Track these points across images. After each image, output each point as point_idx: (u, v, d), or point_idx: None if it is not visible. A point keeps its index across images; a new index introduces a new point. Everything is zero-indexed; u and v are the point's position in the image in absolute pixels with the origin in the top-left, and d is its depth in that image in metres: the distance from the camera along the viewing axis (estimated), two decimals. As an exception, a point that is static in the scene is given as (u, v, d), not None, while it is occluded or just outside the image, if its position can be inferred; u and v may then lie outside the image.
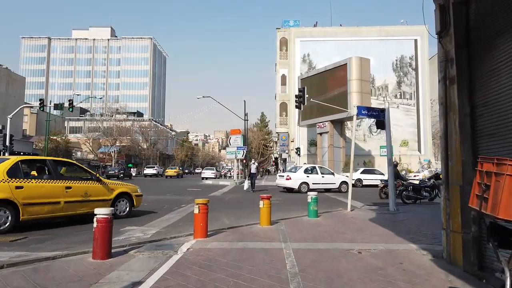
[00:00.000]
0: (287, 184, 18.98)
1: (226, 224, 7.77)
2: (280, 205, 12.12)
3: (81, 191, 8.11)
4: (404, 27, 42.86)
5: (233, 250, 5.10)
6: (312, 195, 8.57)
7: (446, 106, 4.55)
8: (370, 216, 9.10)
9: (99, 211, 4.68)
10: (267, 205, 7.29)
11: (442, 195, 4.64)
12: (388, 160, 10.50)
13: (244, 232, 6.65)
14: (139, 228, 7.37)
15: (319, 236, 6.24)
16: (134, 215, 9.17)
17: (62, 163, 9.13)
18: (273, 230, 6.79)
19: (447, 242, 4.46)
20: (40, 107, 33.75)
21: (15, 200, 6.96)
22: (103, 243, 4.61)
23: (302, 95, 25.98)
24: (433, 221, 8.22)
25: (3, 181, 6.91)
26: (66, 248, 5.55)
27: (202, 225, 5.94)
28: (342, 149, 32.39)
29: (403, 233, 6.49)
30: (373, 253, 4.93)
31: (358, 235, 6.28)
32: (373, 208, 11.21)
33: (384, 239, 5.96)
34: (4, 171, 7.04)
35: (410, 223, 7.86)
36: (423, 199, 13.28)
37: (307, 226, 7.40)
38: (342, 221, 8.09)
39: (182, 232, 6.61)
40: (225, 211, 10.62)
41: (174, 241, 5.82)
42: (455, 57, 4.42)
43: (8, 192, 6.88)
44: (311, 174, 19.39)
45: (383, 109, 10.40)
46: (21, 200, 7.06)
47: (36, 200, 7.29)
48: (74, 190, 7.96)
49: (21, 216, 7.03)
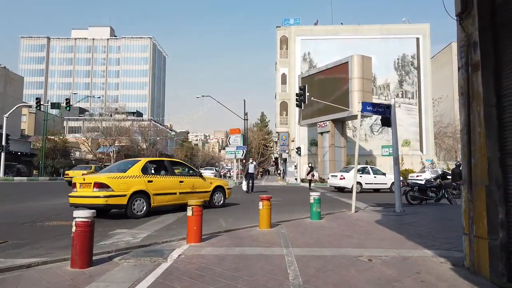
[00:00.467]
0: (341, 183, 19.75)
1: (222, 227, 7.27)
2: (281, 206, 11.61)
3: (190, 184, 10.23)
4: (406, 25, 42.35)
5: (229, 257, 4.59)
6: (314, 196, 8.07)
7: (468, 96, 4.04)
8: (376, 217, 8.60)
9: (78, 213, 4.17)
10: (267, 206, 6.78)
11: (463, 196, 4.14)
12: (394, 159, 10.00)
13: (242, 235, 6.15)
14: (130, 231, 6.87)
15: (323, 240, 5.73)
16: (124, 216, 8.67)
17: (175, 163, 11.85)
18: (273, 234, 6.29)
19: (470, 249, 3.96)
20: (36, 106, 33.33)
21: (148, 191, 8.94)
22: (82, 250, 4.10)
23: (303, 93, 25.51)
24: (444, 223, 7.73)
25: (139, 177, 8.93)
26: (46, 254, 5.05)
27: (196, 228, 5.44)
28: (343, 148, 31.88)
29: (414, 237, 5.99)
30: (385, 260, 4.42)
31: (366, 239, 5.77)
32: (378, 209, 10.71)
33: (395, 243, 5.45)
34: (139, 169, 9.09)
35: (420, 225, 7.35)
36: (429, 200, 12.78)
37: (310, 229, 6.89)
38: (347, 224, 7.58)
39: (175, 236, 6.11)
40: (222, 212, 10.12)
41: (165, 246, 5.32)
42: (479, 40, 3.92)
43: (143, 185, 8.92)
44: (363, 174, 19.94)
45: (388, 105, 9.90)
46: (152, 191, 9.04)
47: (161, 191, 9.31)
48: (185, 184, 10.07)
49: (152, 203, 9.02)
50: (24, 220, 8.32)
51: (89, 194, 8.41)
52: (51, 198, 14.24)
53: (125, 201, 8.49)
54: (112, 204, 8.38)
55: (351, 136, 38.55)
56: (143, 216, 8.67)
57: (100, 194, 8.23)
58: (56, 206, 11.37)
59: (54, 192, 17.96)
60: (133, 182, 8.76)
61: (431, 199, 12.77)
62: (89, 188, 8.48)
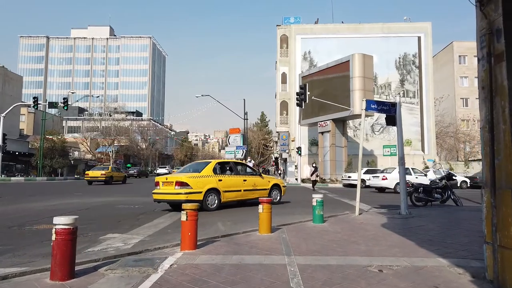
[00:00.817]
0: (383, 184, 19.99)
1: (220, 231, 6.87)
2: (281, 208, 11.21)
3: (252, 182, 11.48)
4: (407, 24, 41.95)
5: (225, 267, 4.19)
6: (317, 198, 7.66)
7: (491, 89, 3.64)
8: (381, 221, 8.20)
9: (58, 220, 3.77)
10: (267, 210, 6.38)
11: (484, 200, 3.74)
12: (399, 158, 9.60)
13: (241, 241, 5.75)
14: (121, 236, 6.46)
15: (328, 247, 5.33)
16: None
17: (239, 164, 12.95)
18: (274, 239, 5.89)
19: (494, 260, 3.56)
20: (34, 105, 32.90)
21: (218, 188, 10.36)
22: (63, 261, 3.70)
23: (304, 92, 25.12)
24: (454, 227, 7.32)
25: (211, 176, 10.37)
26: (28, 262, 4.65)
27: (191, 234, 5.04)
28: (344, 148, 31.48)
29: (425, 243, 5.59)
30: (397, 271, 4.03)
31: (374, 246, 5.37)
32: (382, 212, 10.32)
33: (406, 251, 5.05)
34: (211, 170, 10.54)
35: (429, 230, 6.95)
36: (435, 201, 12.38)
37: (312, 233, 6.49)
38: (352, 228, 7.18)
39: (169, 242, 5.72)
40: (221, 214, 9.72)
41: (157, 254, 4.92)
42: (503, 27, 3.52)
43: (215, 183, 10.34)
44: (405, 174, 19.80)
45: (394, 103, 9.50)
46: (221, 188, 10.44)
47: (229, 189, 10.68)
48: (248, 182, 11.37)
49: (222, 199, 10.42)
50: (13, 223, 7.93)
51: (172, 191, 9.96)
52: (46, 199, 13.85)
53: (201, 197, 9.93)
54: (191, 199, 9.58)
55: (352, 136, 38.16)
56: (215, 209, 10.10)
57: (181, 191, 9.74)
58: (50, 207, 10.98)
59: (50, 193, 17.57)
60: (207, 181, 10.23)
61: (436, 200, 12.37)
62: (171, 186, 10.03)
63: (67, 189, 20.46)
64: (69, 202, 12.83)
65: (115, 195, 16.38)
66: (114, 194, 16.71)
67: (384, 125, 39.11)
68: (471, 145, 50.30)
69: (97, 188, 22.66)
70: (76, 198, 14.60)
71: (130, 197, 15.32)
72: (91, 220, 8.54)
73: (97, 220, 8.61)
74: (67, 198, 14.28)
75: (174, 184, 9.90)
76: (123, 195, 16.12)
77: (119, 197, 14.96)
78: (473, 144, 50.13)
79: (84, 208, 10.99)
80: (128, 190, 20.64)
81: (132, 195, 16.55)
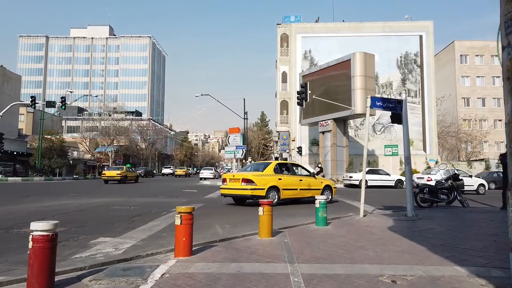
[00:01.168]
0: None
1: (218, 235, 6.50)
2: (282, 209, 10.82)
3: (307, 182, 12.58)
4: (409, 22, 41.56)
5: (222, 277, 3.81)
6: (320, 200, 7.28)
7: (519, 80, 3.26)
8: (388, 223, 7.82)
9: (35, 226, 3.38)
10: (268, 212, 5.99)
11: (510, 203, 3.35)
12: (406, 158, 9.22)
13: (240, 246, 5.37)
14: (113, 240, 6.08)
15: (333, 253, 4.94)
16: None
17: (295, 165, 14.07)
18: (275, 244, 5.51)
19: (523, 271, 3.18)
20: (31, 104, 32.48)
21: (278, 186, 11.53)
22: (41, 272, 3.32)
23: (304, 91, 24.70)
24: (465, 230, 6.94)
25: (272, 175, 11.66)
26: (7, 270, 4.27)
27: (186, 240, 4.65)
28: (345, 148, 31.10)
29: (437, 248, 5.21)
30: (412, 282, 3.64)
31: (383, 252, 4.99)
32: (387, 213, 9.93)
33: (418, 257, 4.66)
34: (272, 169, 11.87)
35: (439, 233, 6.57)
36: (440, 202, 12.01)
37: (316, 237, 6.11)
38: (358, 231, 6.80)
39: (163, 247, 5.34)
40: (219, 216, 9.35)
41: (148, 261, 4.54)
42: (533, 10, 3.14)
43: (275, 181, 11.59)
44: None
45: (400, 101, 9.11)
46: (281, 186, 11.62)
47: (287, 187, 11.81)
48: (303, 182, 12.50)
49: (281, 196, 11.63)
50: (0, 225, 7.55)
51: (238, 187, 11.38)
52: (40, 200, 13.47)
53: (264, 193, 11.17)
54: (255, 194, 11.10)
55: (353, 136, 37.78)
56: (275, 205, 10.21)
57: (247, 187, 11.17)
58: (43, 208, 10.59)
59: (46, 193, 17.19)
60: (269, 179, 11.54)
61: (442, 201, 11.99)
62: (237, 183, 11.47)
63: (63, 190, 20.07)
64: (64, 203, 12.44)
65: (113, 195, 15.99)
66: (113, 195, 16.32)
67: (385, 124, 38.88)
68: (472, 145, 49.93)
69: (97, 188, 22.29)
70: (72, 198, 14.22)
71: (129, 197, 14.93)
72: (84, 222, 8.17)
73: (90, 222, 8.23)
74: (63, 199, 13.89)
75: (241, 181, 11.35)
76: (123, 196, 15.72)
77: (117, 198, 14.57)
78: (475, 144, 49.77)
79: (78, 209, 10.61)
80: (134, 189, 20.27)
81: (132, 195, 16.15)
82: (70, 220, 8.36)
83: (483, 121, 53.46)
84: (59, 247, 5.59)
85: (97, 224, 8.01)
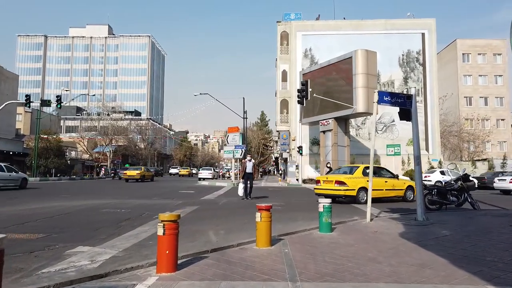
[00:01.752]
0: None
1: (211, 243, 5.82)
2: (282, 212, 10.16)
3: (391, 183, 13.66)
4: (411, 20, 40.85)
5: (210, 301, 3.13)
6: (324, 203, 6.60)
7: None
8: (398, 229, 7.14)
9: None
10: (266, 219, 5.31)
11: None
12: (415, 158, 8.55)
13: (234, 258, 4.69)
14: (92, 250, 5.40)
15: (342, 267, 4.26)
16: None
17: (380, 168, 15.20)
18: (274, 256, 4.83)
19: None
20: (26, 103, 31.78)
21: (367, 187, 10.95)
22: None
23: (305, 89, 24.01)
24: (484, 237, 6.25)
25: (361, 178, 12.98)
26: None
27: (169, 253, 3.98)
28: (347, 148, 30.38)
29: (461, 261, 4.53)
30: (442, 309, 2.96)
31: (399, 265, 4.31)
32: (395, 217, 9.26)
33: (441, 273, 3.98)
34: (360, 172, 13.23)
35: (458, 241, 5.89)
36: (450, 205, 11.33)
37: (321, 247, 5.43)
38: (366, 238, 6.12)
39: (146, 258, 4.67)
40: (214, 220, 8.68)
41: (125, 278, 3.87)
42: None
43: (364, 183, 12.58)
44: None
45: (409, 96, 8.44)
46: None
47: (374, 188, 11.51)
48: (388, 183, 13.60)
49: None
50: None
51: (332, 187, 12.94)
52: (28, 201, 12.79)
53: (354, 193, 12.74)
54: (347, 194, 12.77)
55: (354, 135, 37.10)
56: (364, 203, 11.59)
57: (340, 188, 12.75)
58: (24, 212, 9.90)
59: (35, 195, 16.50)
60: (358, 181, 12.91)
61: (452, 203, 11.32)
62: (331, 184, 13.03)
63: (56, 191, 19.38)
64: (51, 205, 11.76)
65: (106, 197, 15.29)
66: (106, 196, 15.62)
67: (387, 124, 38.19)
68: (475, 144, 49.24)
69: (91, 189, 21.60)
70: (62, 200, 13.54)
71: (122, 199, 14.22)
72: (66, 227, 7.50)
73: (73, 227, 7.56)
74: (52, 201, 13.20)
75: (334, 182, 12.93)
76: (116, 197, 15.02)
77: (109, 200, 13.87)
78: (477, 143, 49.08)
79: (64, 212, 9.93)
80: (134, 189, 19.58)
81: (127, 196, 15.44)
82: (51, 225, 7.70)
83: (486, 120, 52.77)
84: (28, 260, 4.92)
85: (80, 230, 7.34)
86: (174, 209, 11.04)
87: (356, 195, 12.71)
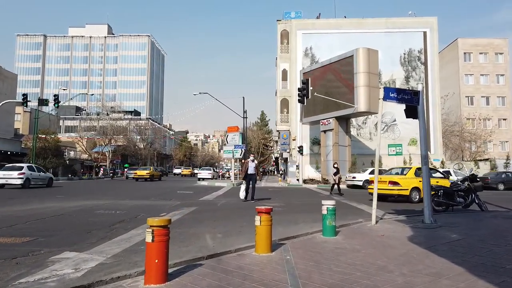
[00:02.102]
0: None
1: (207, 247, 5.44)
2: (282, 214, 9.78)
3: (442, 184, 12.71)
4: (412, 18, 40.47)
5: (202, 319, 2.74)
6: (328, 206, 6.22)
7: None
8: (405, 232, 6.76)
9: None
10: (266, 222, 4.92)
11: None
12: (422, 157, 8.16)
13: (231, 266, 4.31)
14: (77, 257, 4.99)
15: (350, 277, 3.88)
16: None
17: (432, 169, 15.37)
18: (275, 263, 4.44)
19: None
20: (23, 103, 31.41)
21: (419, 187, 13.17)
22: None
23: (306, 88, 23.64)
24: (500, 242, 5.86)
25: (413, 178, 13.96)
26: None
27: (159, 262, 3.59)
28: (348, 147, 30.04)
29: (480, 269, 4.15)
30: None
31: (413, 275, 3.93)
32: (401, 219, 8.88)
33: (462, 285, 3.60)
34: (413, 173, 14.23)
35: (471, 246, 5.51)
36: (456, 206, 10.96)
37: (325, 253, 5.04)
38: (373, 243, 5.73)
39: (136, 266, 4.29)
40: (212, 222, 8.30)
41: (110, 290, 3.49)
42: None
43: (417, 183, 13.63)
44: None
45: (416, 92, 8.05)
46: (421, 187, 12.01)
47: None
48: (439, 183, 12.62)
49: (420, 196, 13.06)
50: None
51: (386, 187, 13.74)
52: (23, 202, 12.41)
53: (407, 192, 13.64)
54: (401, 194, 13.69)
55: (355, 135, 36.72)
56: (417, 202, 13.21)
57: (394, 188, 13.67)
58: (16, 213, 9.52)
59: (30, 195, 16.10)
60: (411, 181, 13.82)
61: (459, 205, 10.95)
62: (385, 184, 13.75)
63: (52, 191, 19.00)
64: (45, 206, 11.38)
65: (103, 197, 14.90)
66: (102, 196, 15.23)
67: (388, 123, 37.80)
68: (477, 144, 48.84)
69: (87, 189, 21.23)
70: (56, 201, 13.16)
71: (118, 200, 13.83)
72: (56, 230, 7.12)
73: (64, 230, 7.18)
74: (46, 202, 12.82)
75: (388, 183, 13.80)
76: (113, 198, 14.63)
77: (105, 200, 13.47)
78: (479, 143, 48.69)
79: (57, 214, 9.55)
80: (133, 189, 19.21)
81: (123, 197, 15.05)
82: (42, 228, 7.33)
83: (487, 120, 52.37)
84: (8, 267, 4.50)
85: (71, 232, 6.95)
86: (170, 210, 10.66)
87: (409, 194, 13.56)
